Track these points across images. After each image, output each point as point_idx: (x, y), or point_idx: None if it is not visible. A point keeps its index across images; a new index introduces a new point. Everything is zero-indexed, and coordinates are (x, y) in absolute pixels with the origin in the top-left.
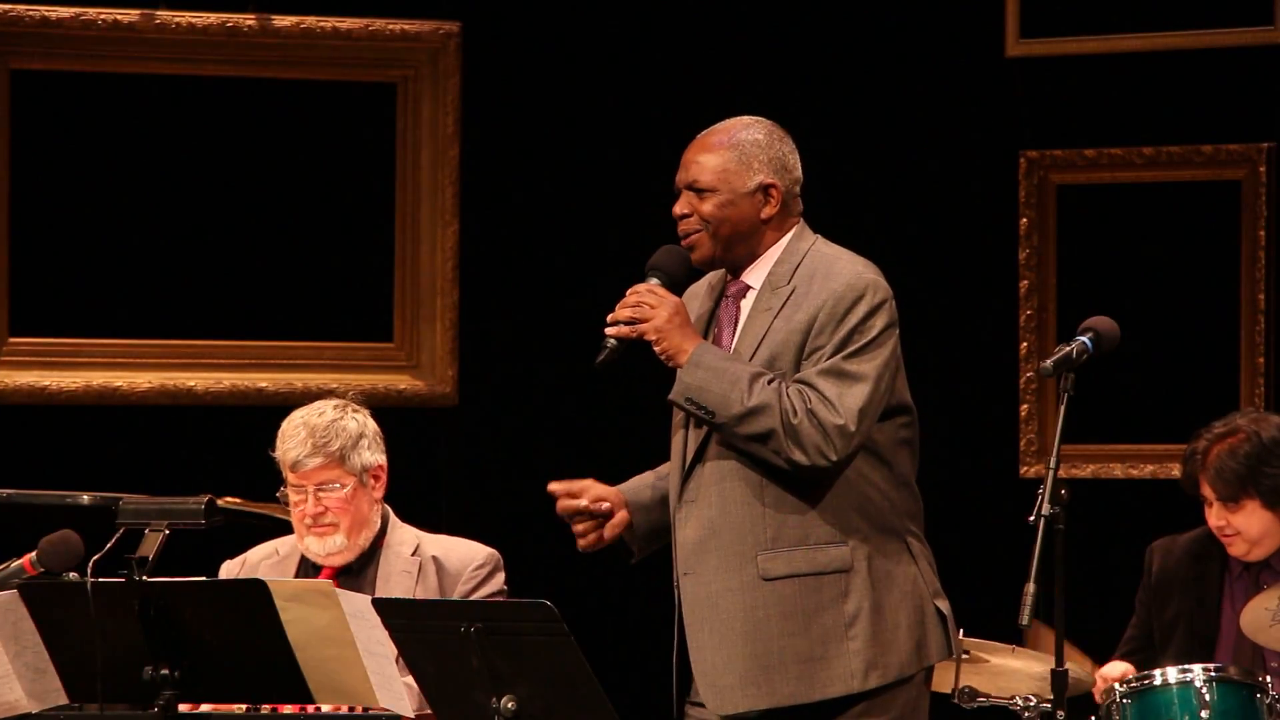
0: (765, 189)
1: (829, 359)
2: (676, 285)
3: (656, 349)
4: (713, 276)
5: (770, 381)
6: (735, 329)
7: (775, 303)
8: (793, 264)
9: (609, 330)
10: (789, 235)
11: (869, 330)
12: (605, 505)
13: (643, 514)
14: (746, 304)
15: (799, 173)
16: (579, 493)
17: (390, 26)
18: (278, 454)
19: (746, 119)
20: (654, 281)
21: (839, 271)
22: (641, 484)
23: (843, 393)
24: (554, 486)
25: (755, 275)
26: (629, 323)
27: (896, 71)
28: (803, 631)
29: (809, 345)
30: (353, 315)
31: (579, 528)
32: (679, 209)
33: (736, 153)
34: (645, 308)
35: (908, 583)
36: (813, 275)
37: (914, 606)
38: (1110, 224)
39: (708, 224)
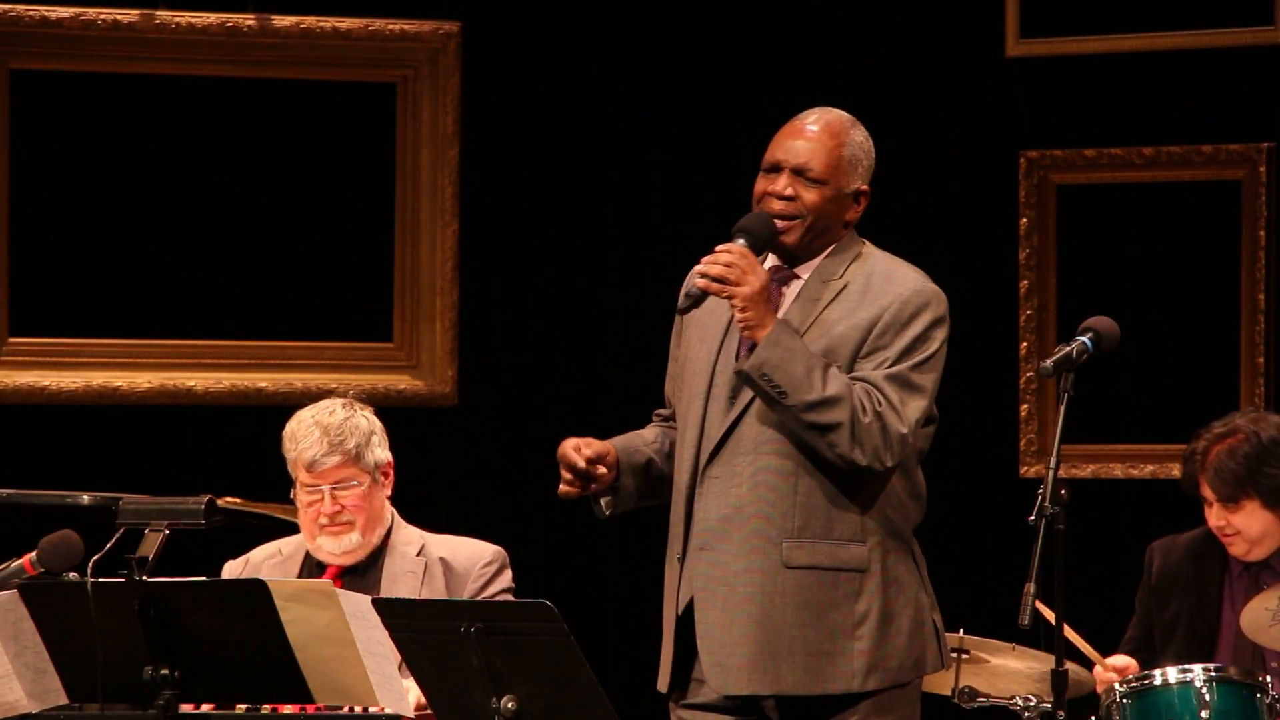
0: (859, 195)
1: (894, 364)
2: (758, 252)
3: (739, 316)
4: None
5: (839, 374)
6: (776, 313)
7: (825, 295)
8: (845, 260)
9: (699, 281)
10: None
11: (931, 342)
12: (601, 471)
13: (631, 476)
14: (790, 291)
15: None
16: (581, 449)
17: (390, 26)
18: (290, 455)
19: (844, 114)
20: (742, 244)
21: (903, 277)
22: (635, 445)
23: (905, 401)
24: (568, 445)
25: (806, 266)
26: (719, 279)
27: (897, 71)
28: (814, 624)
29: (869, 344)
30: (353, 315)
31: (567, 478)
32: (780, 188)
33: (849, 151)
34: (738, 270)
35: (912, 592)
36: (870, 275)
37: (915, 616)
38: (1110, 224)
39: (806, 214)
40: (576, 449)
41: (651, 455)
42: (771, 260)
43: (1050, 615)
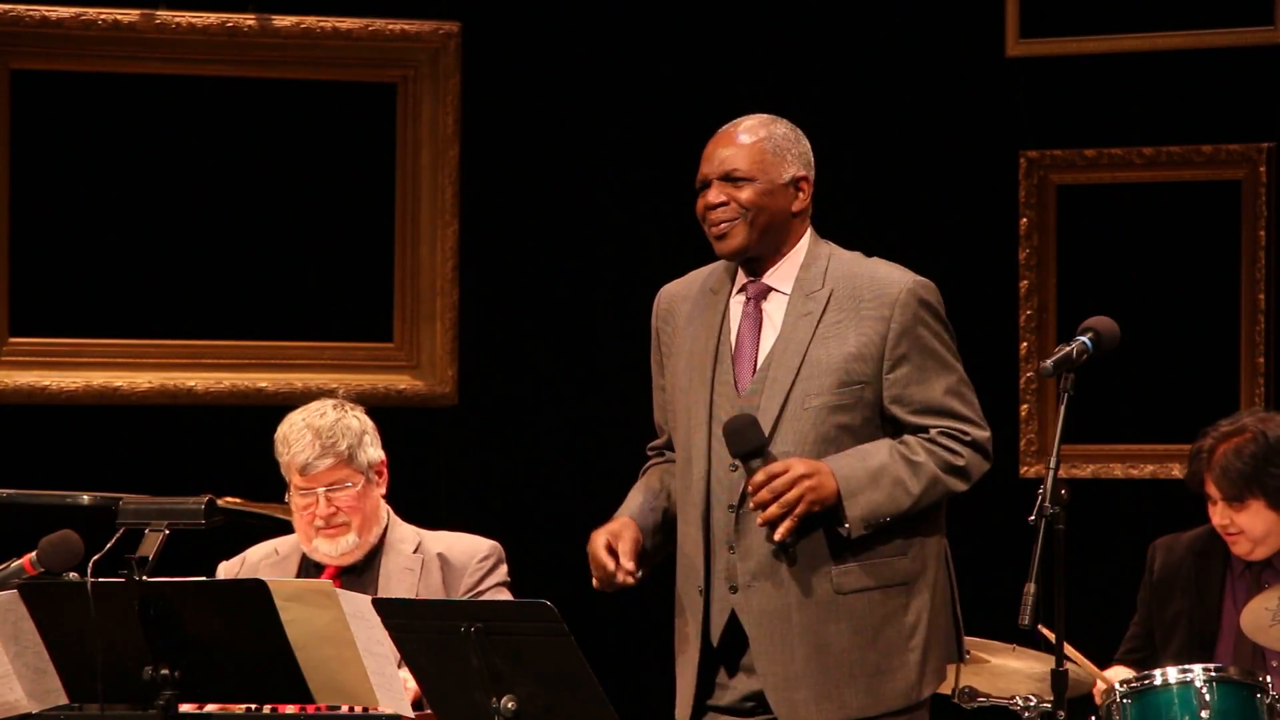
0: (797, 181)
1: (939, 380)
2: (764, 451)
3: (816, 509)
4: (709, 278)
5: (912, 453)
6: (760, 330)
7: (813, 307)
8: (820, 267)
9: (779, 534)
10: (807, 237)
11: (946, 333)
12: (638, 575)
13: (651, 537)
14: (773, 307)
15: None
16: (615, 547)
17: (390, 26)
18: (283, 459)
19: (766, 115)
20: (757, 464)
21: (886, 276)
22: (647, 508)
23: (971, 404)
24: (599, 546)
25: (778, 277)
26: (783, 516)
27: (897, 71)
28: (870, 645)
29: (889, 355)
30: (353, 315)
31: (602, 579)
32: (713, 198)
33: (771, 144)
34: (782, 496)
35: (946, 591)
36: (852, 279)
37: (949, 615)
38: (1110, 224)
39: (746, 212)
40: (609, 547)
41: (665, 507)
42: (741, 277)
43: (1052, 636)
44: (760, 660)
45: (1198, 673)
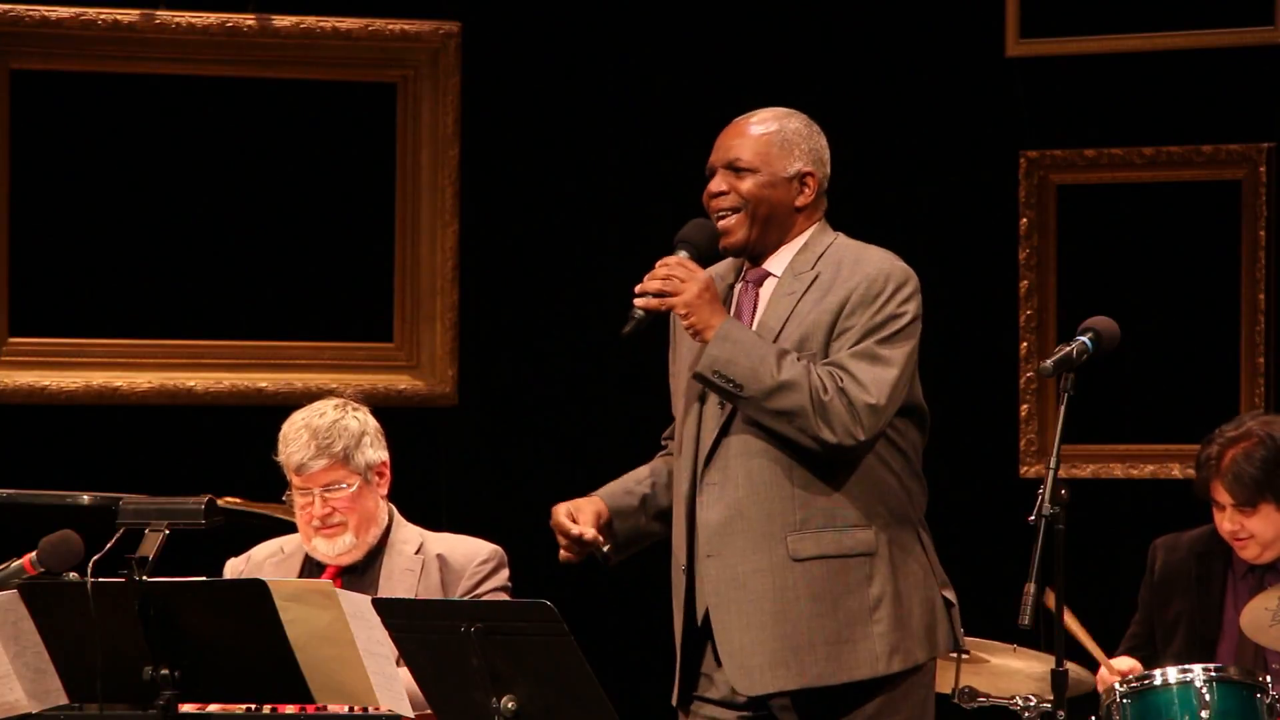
0: (803, 176)
1: (860, 341)
2: (704, 259)
3: (684, 323)
4: (720, 267)
5: (794, 359)
6: (754, 314)
7: (798, 287)
8: (816, 253)
9: (637, 301)
10: (813, 228)
11: (902, 317)
12: (599, 541)
13: (625, 520)
14: (766, 290)
15: (829, 169)
16: (576, 517)
17: (390, 26)
18: (281, 458)
19: (783, 109)
20: (682, 254)
21: (870, 258)
22: (622, 490)
23: (871, 372)
24: (560, 513)
25: (776, 263)
26: (658, 294)
27: (897, 71)
28: (830, 613)
29: (839, 326)
30: (353, 315)
31: (564, 544)
32: (715, 186)
33: (780, 136)
34: (675, 281)
35: (921, 571)
36: (840, 262)
37: (925, 595)
38: (1110, 224)
39: (746, 203)
40: (571, 518)
41: (645, 492)
42: (746, 265)
43: (1056, 608)
44: (718, 631)
45: (1198, 673)
